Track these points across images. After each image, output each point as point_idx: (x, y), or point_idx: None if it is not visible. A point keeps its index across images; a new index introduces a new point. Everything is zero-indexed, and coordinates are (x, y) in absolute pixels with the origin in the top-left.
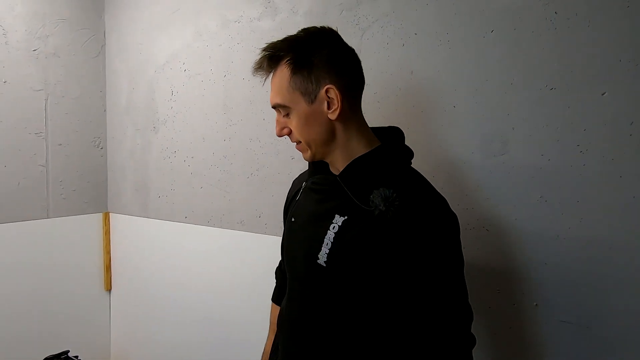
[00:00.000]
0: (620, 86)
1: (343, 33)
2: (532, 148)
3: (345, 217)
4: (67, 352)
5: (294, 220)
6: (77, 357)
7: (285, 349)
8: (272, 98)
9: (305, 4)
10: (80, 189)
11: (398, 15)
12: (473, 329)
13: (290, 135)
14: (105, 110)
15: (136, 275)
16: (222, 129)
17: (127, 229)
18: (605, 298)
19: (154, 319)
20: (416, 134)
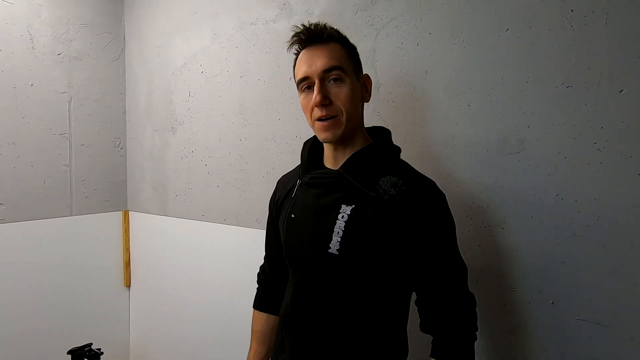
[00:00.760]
0: (638, 83)
1: (358, 33)
2: (549, 146)
3: (353, 206)
4: (90, 345)
5: (293, 216)
6: (100, 350)
7: (296, 340)
8: (328, 62)
9: (320, 5)
10: (101, 188)
11: (412, 15)
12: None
13: (329, 106)
14: (124, 111)
15: (154, 271)
16: (238, 129)
17: (146, 227)
18: (624, 297)
19: (172, 314)
20: (431, 133)
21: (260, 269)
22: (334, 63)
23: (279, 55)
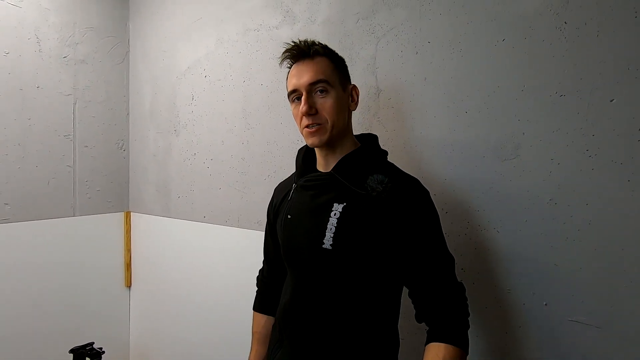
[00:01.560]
0: (628, 93)
1: (359, 41)
2: (543, 152)
3: (345, 204)
4: (92, 344)
5: (290, 217)
6: (101, 349)
7: (294, 334)
8: (314, 75)
9: (322, 13)
10: (104, 189)
11: (412, 24)
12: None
13: (315, 115)
14: (128, 113)
15: (155, 272)
16: (241, 133)
17: (148, 228)
18: (615, 299)
19: (172, 315)
20: (430, 138)
21: (259, 273)
22: (319, 76)
23: None
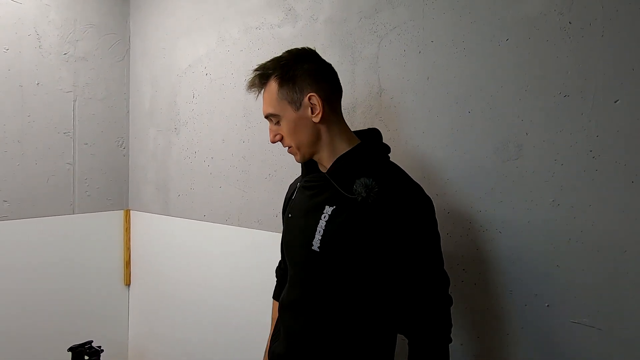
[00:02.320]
0: (632, 93)
1: (361, 40)
2: (546, 153)
3: (334, 207)
4: (91, 342)
5: (290, 216)
6: (100, 348)
7: (287, 328)
8: (265, 109)
9: (325, 12)
10: (103, 187)
11: (415, 23)
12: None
13: (282, 140)
14: (128, 111)
15: (154, 271)
16: (241, 131)
17: (147, 226)
18: (618, 300)
19: (171, 313)
20: (432, 138)
21: (278, 264)
22: (268, 110)
23: None
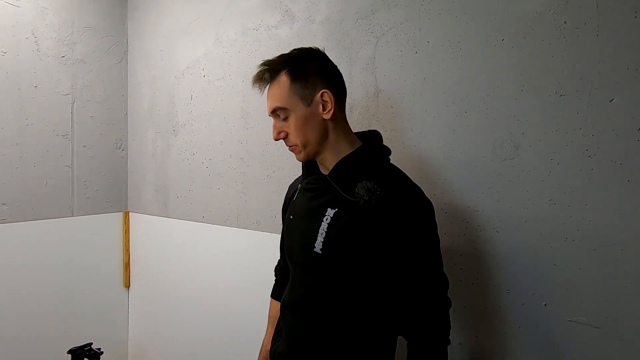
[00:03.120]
0: (628, 93)
1: (358, 41)
2: (542, 152)
3: (336, 210)
4: (91, 345)
5: (291, 217)
6: (100, 350)
7: (289, 328)
8: (272, 103)
9: (321, 13)
10: (102, 189)
11: (411, 24)
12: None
13: (286, 138)
14: (127, 113)
15: (154, 272)
16: (240, 132)
17: (146, 228)
18: (615, 298)
19: (171, 315)
20: (429, 138)
21: (277, 263)
22: (276, 104)
23: None
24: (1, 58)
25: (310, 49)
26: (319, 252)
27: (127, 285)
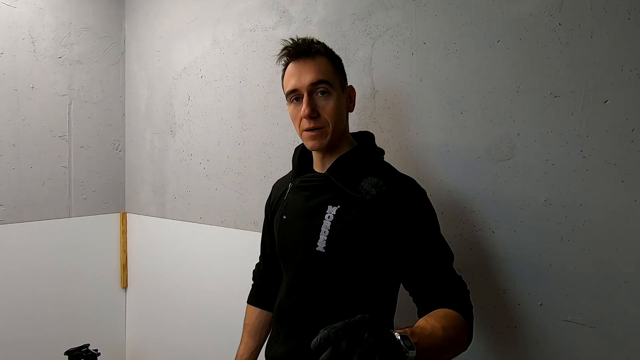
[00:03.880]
0: (622, 94)
1: (355, 42)
2: (538, 153)
3: (339, 207)
4: (88, 346)
5: (285, 217)
6: (97, 351)
7: (288, 331)
8: (315, 76)
9: (319, 14)
10: (99, 190)
11: (408, 25)
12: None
13: (316, 118)
14: (124, 114)
15: (151, 273)
16: (237, 133)
17: (144, 229)
18: (610, 298)
19: (168, 316)
20: (425, 139)
21: (255, 267)
22: (322, 77)
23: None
24: None
25: None
26: (322, 251)
27: (125, 286)
